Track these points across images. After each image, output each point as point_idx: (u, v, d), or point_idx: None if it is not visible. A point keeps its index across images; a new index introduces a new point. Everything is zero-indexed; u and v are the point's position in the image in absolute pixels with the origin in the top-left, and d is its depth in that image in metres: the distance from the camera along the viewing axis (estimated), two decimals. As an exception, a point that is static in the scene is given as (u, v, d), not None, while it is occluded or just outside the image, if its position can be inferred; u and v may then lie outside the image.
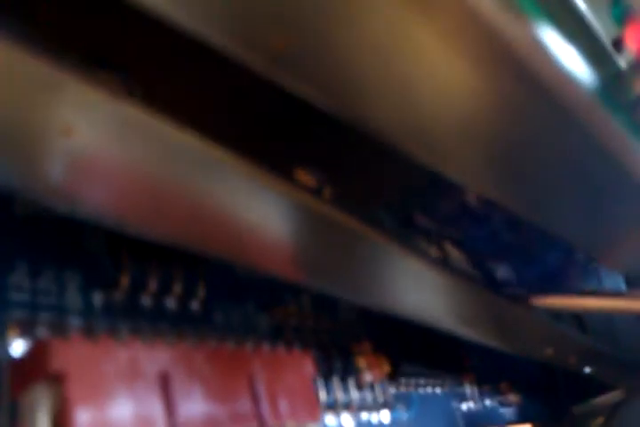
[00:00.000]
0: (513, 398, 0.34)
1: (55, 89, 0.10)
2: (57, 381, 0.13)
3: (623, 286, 0.32)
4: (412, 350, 0.27)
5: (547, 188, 0.15)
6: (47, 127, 0.10)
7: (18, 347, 0.14)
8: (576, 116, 0.13)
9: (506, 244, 0.19)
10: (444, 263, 0.19)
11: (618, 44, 0.15)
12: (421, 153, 0.13)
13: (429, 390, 0.28)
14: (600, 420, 0.37)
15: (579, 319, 0.34)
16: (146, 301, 0.18)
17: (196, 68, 0.13)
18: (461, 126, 0.12)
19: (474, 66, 0.11)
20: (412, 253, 0.17)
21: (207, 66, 0.13)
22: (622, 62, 0.15)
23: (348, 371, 0.23)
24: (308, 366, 0.18)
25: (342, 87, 0.11)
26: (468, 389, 0.31)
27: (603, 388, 0.38)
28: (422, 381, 0.27)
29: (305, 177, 0.17)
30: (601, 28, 0.14)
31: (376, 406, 0.24)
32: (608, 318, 0.35)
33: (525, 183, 0.14)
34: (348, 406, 0.23)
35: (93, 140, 0.11)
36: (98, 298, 0.16)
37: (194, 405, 0.15)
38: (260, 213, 0.14)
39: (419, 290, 0.19)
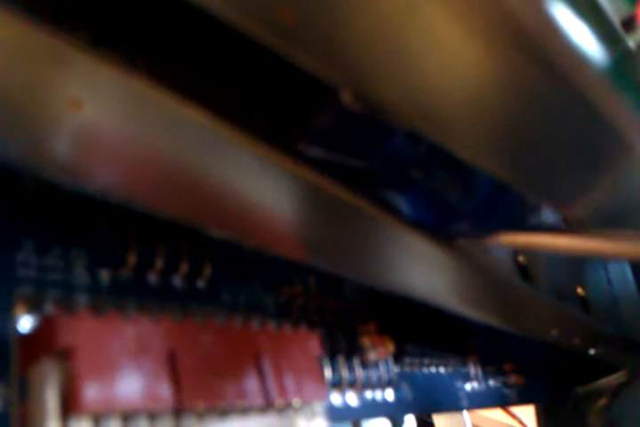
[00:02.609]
0: (516, 378, 0.34)
1: (64, 62, 0.10)
2: (65, 356, 0.13)
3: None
4: (416, 331, 0.27)
5: (549, 163, 0.15)
6: (56, 101, 0.10)
7: (25, 323, 0.14)
8: (585, 95, 0.12)
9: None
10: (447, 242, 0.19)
11: (628, 23, 0.15)
12: (427, 129, 0.13)
13: (433, 369, 0.28)
14: (603, 401, 0.37)
15: (582, 300, 0.34)
16: (153, 279, 0.18)
17: (202, 44, 0.13)
18: (469, 103, 0.12)
19: (484, 42, 0.11)
20: (418, 233, 0.17)
21: (214, 41, 0.12)
22: (631, 42, 0.15)
23: (353, 350, 0.23)
24: (314, 344, 0.18)
25: (351, 63, 0.11)
26: (472, 369, 0.31)
27: (606, 369, 0.38)
28: (426, 361, 0.28)
29: (308, 149, 0.17)
30: (612, 7, 0.14)
31: (381, 385, 0.24)
32: (612, 298, 0.35)
33: (529, 159, 0.14)
34: (352, 385, 0.23)
35: (102, 115, 0.11)
36: (105, 275, 0.16)
37: (201, 381, 0.15)
38: (266, 190, 0.14)
39: (425, 270, 0.19)
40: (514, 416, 0.51)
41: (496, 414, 0.65)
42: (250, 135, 0.13)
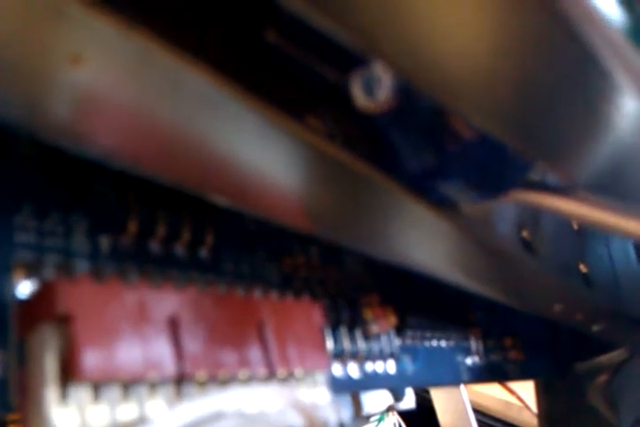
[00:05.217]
0: (517, 353, 0.34)
1: (63, 15, 0.09)
2: (64, 322, 0.13)
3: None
4: (418, 303, 0.27)
5: (558, 128, 0.14)
6: (55, 55, 0.10)
7: (24, 288, 0.14)
8: (602, 56, 0.12)
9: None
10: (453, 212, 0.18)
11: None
12: (436, 91, 0.12)
13: (435, 343, 0.28)
14: (603, 378, 0.37)
15: (584, 277, 0.34)
16: (154, 246, 0.17)
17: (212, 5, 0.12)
18: (483, 65, 0.12)
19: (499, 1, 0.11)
20: (424, 204, 0.17)
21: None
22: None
23: (355, 322, 0.23)
24: (316, 315, 0.18)
25: (362, 20, 0.10)
26: (473, 343, 0.31)
27: (606, 346, 0.38)
28: (428, 334, 0.27)
29: (316, 124, 0.16)
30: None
31: (382, 357, 0.24)
32: (614, 275, 0.35)
33: (538, 124, 0.14)
34: (354, 356, 0.23)
35: (103, 72, 0.10)
36: (105, 242, 0.16)
37: (202, 349, 0.14)
38: (270, 155, 0.13)
39: (427, 241, 0.19)
40: (512, 392, 0.51)
41: (494, 390, 0.65)
42: (258, 99, 0.12)
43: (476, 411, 0.62)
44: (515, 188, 0.17)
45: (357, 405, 0.34)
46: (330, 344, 0.22)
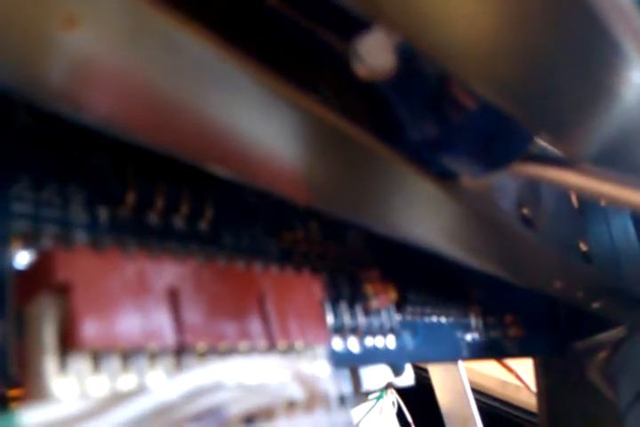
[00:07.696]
0: (516, 331, 0.34)
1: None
2: (63, 291, 0.13)
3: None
4: (419, 279, 0.27)
5: (562, 99, 0.14)
6: (48, 17, 0.09)
7: (22, 258, 0.14)
8: (609, 25, 0.12)
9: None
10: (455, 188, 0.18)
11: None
12: (439, 57, 0.12)
13: (435, 319, 0.28)
14: (602, 355, 0.37)
15: (584, 255, 0.34)
16: (153, 218, 0.17)
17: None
18: (487, 31, 0.12)
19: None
20: (427, 177, 0.17)
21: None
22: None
23: (355, 297, 0.23)
24: (317, 288, 0.18)
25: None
26: (473, 320, 0.31)
27: (605, 323, 0.38)
28: (428, 310, 0.27)
29: (314, 95, 0.16)
30: None
31: (382, 332, 0.24)
32: (614, 254, 0.35)
33: (541, 94, 0.14)
34: (354, 331, 0.23)
35: (99, 35, 0.10)
36: (103, 213, 0.16)
37: (203, 321, 0.14)
38: (271, 125, 0.13)
39: (429, 215, 0.19)
40: (511, 370, 0.52)
41: (491, 369, 0.65)
42: (256, 64, 0.12)
43: (474, 390, 0.62)
44: (517, 160, 0.17)
45: (356, 381, 0.34)
46: (330, 319, 0.22)
